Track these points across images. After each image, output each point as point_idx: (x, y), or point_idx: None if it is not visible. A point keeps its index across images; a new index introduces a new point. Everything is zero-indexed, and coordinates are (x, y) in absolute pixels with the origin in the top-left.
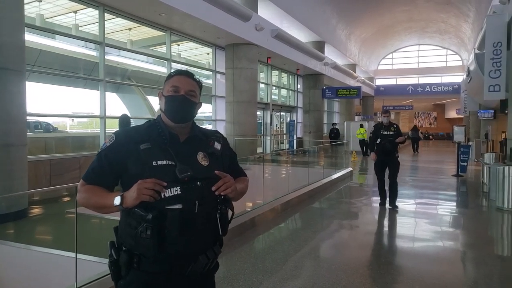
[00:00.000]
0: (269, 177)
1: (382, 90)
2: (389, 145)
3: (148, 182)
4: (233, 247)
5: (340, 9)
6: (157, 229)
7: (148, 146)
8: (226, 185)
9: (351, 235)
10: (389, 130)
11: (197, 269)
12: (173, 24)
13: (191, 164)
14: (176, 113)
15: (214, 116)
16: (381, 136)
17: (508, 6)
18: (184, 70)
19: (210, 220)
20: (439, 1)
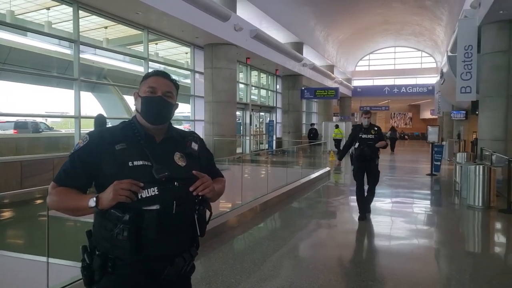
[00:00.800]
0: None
1: (359, 91)
2: (368, 151)
3: (125, 182)
4: (211, 248)
5: (318, 10)
6: (134, 230)
7: (124, 147)
8: (204, 185)
9: (329, 234)
10: (369, 133)
11: (174, 272)
12: (151, 23)
13: (168, 164)
14: (153, 115)
15: (192, 116)
16: (360, 140)
17: (479, 10)
18: (161, 70)
19: (187, 221)
20: (414, 4)
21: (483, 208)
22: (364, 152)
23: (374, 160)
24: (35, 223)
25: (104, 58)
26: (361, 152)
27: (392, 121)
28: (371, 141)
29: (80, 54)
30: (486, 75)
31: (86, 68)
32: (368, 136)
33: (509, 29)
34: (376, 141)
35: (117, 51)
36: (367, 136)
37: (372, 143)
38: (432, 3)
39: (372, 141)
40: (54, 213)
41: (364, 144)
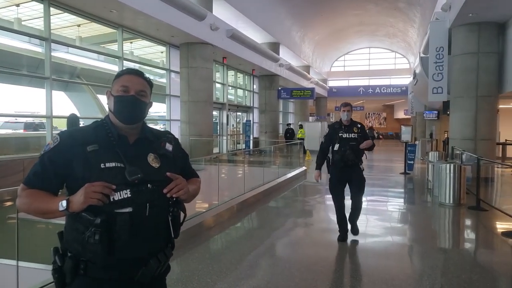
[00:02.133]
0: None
1: (334, 91)
2: (351, 154)
3: (96, 185)
4: (187, 249)
5: (294, 11)
6: (106, 233)
7: (96, 148)
8: (178, 187)
9: (305, 233)
10: (351, 131)
11: (148, 273)
12: (125, 21)
13: (142, 166)
14: (126, 114)
15: (168, 116)
16: (340, 140)
17: (449, 13)
18: (134, 69)
19: (161, 222)
20: (388, 6)
21: (453, 205)
22: (346, 155)
23: (357, 165)
24: (4, 226)
25: (77, 57)
26: (342, 156)
27: (367, 121)
28: (354, 141)
29: (51, 52)
30: (456, 76)
31: (58, 66)
32: (350, 135)
33: (478, 31)
34: (360, 141)
35: (91, 50)
36: (349, 136)
37: (356, 143)
38: (405, 6)
39: (355, 141)
40: (24, 216)
41: (346, 145)
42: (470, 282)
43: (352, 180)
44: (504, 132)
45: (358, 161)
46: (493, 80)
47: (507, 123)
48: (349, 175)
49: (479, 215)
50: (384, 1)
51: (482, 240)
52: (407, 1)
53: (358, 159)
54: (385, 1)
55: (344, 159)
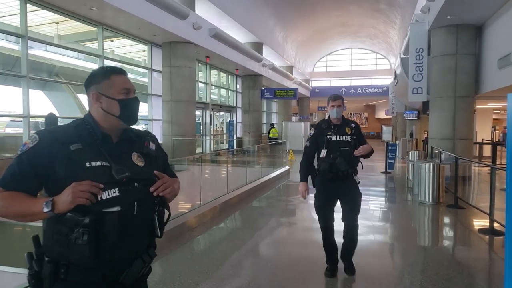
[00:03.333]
0: (208, 178)
1: (317, 91)
2: (343, 162)
3: (84, 184)
4: (169, 250)
5: (278, 11)
6: (94, 234)
7: (79, 147)
8: (164, 186)
9: (288, 232)
10: (343, 132)
11: (132, 274)
12: (106, 20)
13: (127, 165)
14: (134, 116)
15: (150, 116)
16: (329, 144)
17: (428, 15)
18: (120, 68)
19: (147, 222)
20: (369, 7)
21: (433, 203)
22: (337, 164)
23: (351, 177)
24: None
25: (56, 55)
26: (331, 166)
27: None
28: (347, 145)
29: (28, 50)
30: (435, 77)
31: (36, 65)
32: (341, 138)
33: (456, 33)
34: (355, 145)
35: (70, 48)
36: (340, 138)
37: (349, 149)
38: (386, 7)
39: (348, 145)
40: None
41: (336, 151)
42: (448, 279)
43: (344, 196)
44: (481, 132)
45: (352, 172)
46: (471, 81)
47: (483, 123)
48: (340, 190)
49: (457, 213)
50: (365, 3)
51: (459, 237)
52: (388, 3)
53: (352, 169)
54: (367, 2)
55: (334, 169)
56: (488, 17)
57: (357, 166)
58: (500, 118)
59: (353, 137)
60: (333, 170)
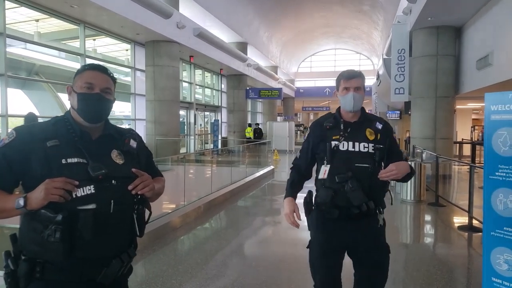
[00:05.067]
0: (193, 177)
1: (301, 91)
2: (359, 191)
3: (58, 181)
4: (152, 250)
5: (262, 11)
6: (67, 231)
7: (56, 143)
8: (143, 184)
9: (273, 231)
10: (361, 137)
11: (110, 274)
12: (88, 18)
13: (105, 162)
14: (91, 113)
15: (133, 115)
16: (335, 156)
17: (410, 17)
18: (99, 64)
19: (125, 221)
20: (353, 8)
21: (414, 202)
22: (346, 194)
23: (373, 216)
24: None
25: (36, 53)
26: (337, 196)
27: None
28: (367, 160)
29: (6, 47)
30: (417, 77)
31: (15, 63)
32: (358, 146)
33: (436, 35)
34: (381, 160)
35: (50, 46)
36: (356, 147)
37: (370, 166)
38: (369, 8)
39: (369, 160)
40: None
41: (347, 168)
42: (429, 275)
43: (358, 251)
44: (461, 132)
45: (374, 208)
46: (451, 81)
47: (463, 123)
48: (352, 239)
49: (438, 211)
50: (349, 4)
51: (440, 234)
52: (371, 4)
53: (378, 201)
54: (351, 3)
55: (341, 201)
56: (467, 19)
57: (383, 197)
58: (479, 118)
59: (378, 146)
60: (340, 203)
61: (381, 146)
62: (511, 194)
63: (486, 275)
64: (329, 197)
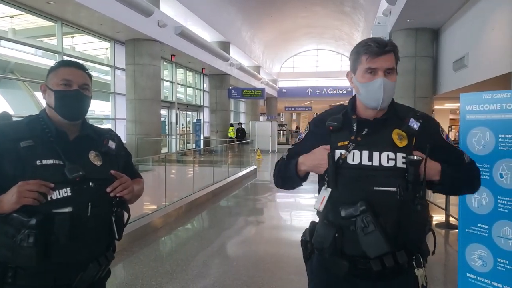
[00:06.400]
0: (174, 178)
1: (284, 92)
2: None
3: (31, 183)
4: (131, 252)
5: (244, 11)
6: (42, 235)
7: (30, 144)
8: (122, 186)
9: (256, 231)
10: (387, 142)
11: (87, 278)
12: (66, 15)
13: (83, 163)
14: (69, 110)
15: (113, 115)
16: (341, 173)
17: (390, 18)
18: (74, 61)
19: (103, 224)
20: (334, 9)
21: None
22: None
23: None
24: None
25: (11, 51)
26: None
27: None
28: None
29: None
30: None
31: None
32: (379, 157)
33: (415, 36)
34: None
35: (26, 43)
36: (374, 159)
37: (398, 191)
38: (350, 10)
39: (398, 180)
40: None
41: (359, 195)
42: None
43: None
44: None
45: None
46: (429, 82)
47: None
48: None
49: None
50: (331, 5)
51: None
52: (352, 6)
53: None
54: (332, 4)
55: (353, 248)
56: (445, 22)
57: (423, 240)
58: (456, 118)
59: (413, 158)
60: (350, 251)
61: (418, 158)
62: (484, 192)
63: (461, 271)
64: (329, 240)
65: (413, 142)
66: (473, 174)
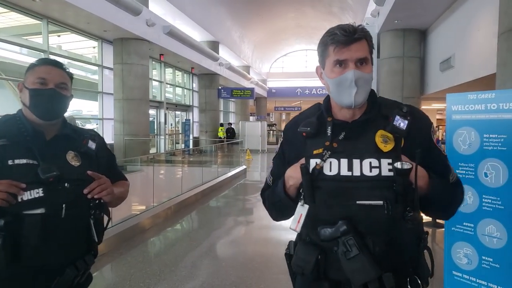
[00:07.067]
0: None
1: (273, 92)
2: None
3: (1, 183)
4: (119, 253)
5: (234, 11)
6: (11, 237)
7: (4, 143)
8: (100, 187)
9: (245, 231)
10: (369, 148)
11: (64, 283)
12: (51, 13)
13: (59, 164)
14: (44, 109)
15: (101, 115)
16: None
17: (378, 19)
18: (52, 59)
19: (80, 226)
20: (323, 10)
21: None
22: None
23: None
24: None
25: None
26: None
27: None
28: (382, 193)
29: None
30: (384, 78)
31: None
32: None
33: (403, 37)
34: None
35: (11, 42)
36: (360, 169)
37: (388, 206)
38: (339, 10)
39: (385, 192)
40: None
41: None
42: None
43: None
44: None
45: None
46: (416, 82)
47: None
48: None
49: None
50: (319, 5)
51: None
52: (340, 6)
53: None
54: (321, 5)
55: (337, 272)
56: (432, 23)
57: (420, 258)
58: (443, 118)
59: (401, 165)
60: (334, 275)
61: (408, 167)
62: (470, 191)
63: (447, 269)
64: (311, 264)
65: (401, 145)
66: (456, 198)
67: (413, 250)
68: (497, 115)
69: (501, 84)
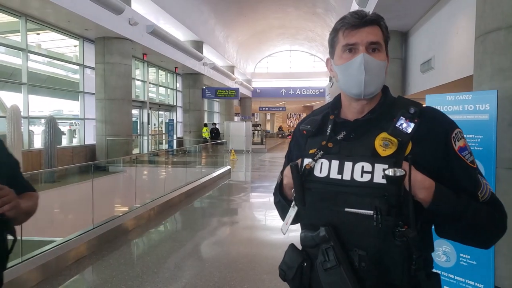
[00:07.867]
0: (146, 179)
1: (258, 92)
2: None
3: None
4: (100, 256)
5: (218, 10)
6: None
7: None
8: (2, 201)
9: (229, 231)
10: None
11: None
12: (30, 10)
13: None
14: None
15: (82, 115)
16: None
17: None
18: None
19: None
20: (307, 11)
21: None
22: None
23: None
24: None
25: None
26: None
27: (288, 121)
28: (372, 201)
29: None
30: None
31: None
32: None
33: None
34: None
35: None
36: (350, 173)
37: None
38: (323, 11)
39: (375, 201)
40: None
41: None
42: None
43: None
44: None
45: None
46: (398, 83)
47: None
48: None
49: None
50: (303, 6)
51: None
52: (324, 7)
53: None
54: (305, 6)
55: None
56: (413, 25)
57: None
58: None
59: (396, 173)
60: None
61: (400, 174)
62: None
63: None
64: (293, 270)
65: (405, 151)
66: (489, 221)
67: (401, 272)
68: (474, 116)
69: (477, 86)
